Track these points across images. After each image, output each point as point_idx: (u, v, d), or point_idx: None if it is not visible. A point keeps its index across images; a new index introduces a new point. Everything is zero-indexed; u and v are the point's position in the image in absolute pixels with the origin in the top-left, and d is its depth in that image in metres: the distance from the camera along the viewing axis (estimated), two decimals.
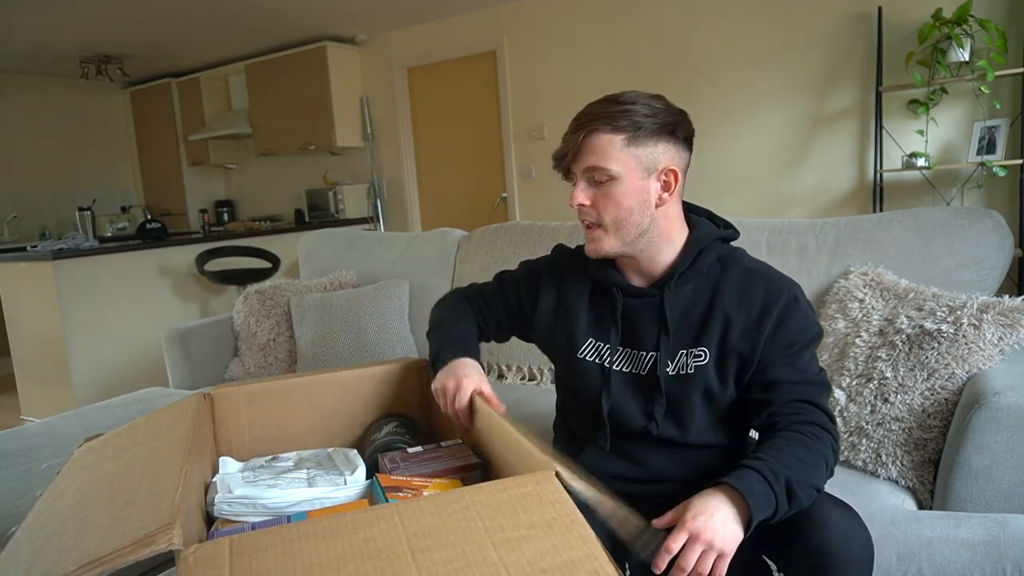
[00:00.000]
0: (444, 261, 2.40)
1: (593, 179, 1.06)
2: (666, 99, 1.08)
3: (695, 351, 1.08)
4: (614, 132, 1.03)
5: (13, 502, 1.42)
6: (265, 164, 5.97)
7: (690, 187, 1.15)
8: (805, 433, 0.99)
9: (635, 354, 1.13)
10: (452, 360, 1.15)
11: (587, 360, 1.16)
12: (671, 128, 1.06)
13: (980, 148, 3.09)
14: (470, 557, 0.62)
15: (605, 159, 1.04)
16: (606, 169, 1.04)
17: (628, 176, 1.05)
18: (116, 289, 3.71)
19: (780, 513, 0.91)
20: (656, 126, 1.04)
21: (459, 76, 4.89)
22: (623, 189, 1.05)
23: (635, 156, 1.04)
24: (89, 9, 4.03)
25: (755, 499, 0.88)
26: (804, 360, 1.06)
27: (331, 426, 1.23)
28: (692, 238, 1.11)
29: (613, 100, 1.05)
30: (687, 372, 1.09)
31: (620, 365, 1.14)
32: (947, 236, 1.60)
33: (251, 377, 2.37)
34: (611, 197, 1.05)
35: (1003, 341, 1.35)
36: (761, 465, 0.92)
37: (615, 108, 1.04)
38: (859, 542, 0.93)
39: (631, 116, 1.03)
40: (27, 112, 5.60)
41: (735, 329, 1.06)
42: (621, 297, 1.13)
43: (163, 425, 1.03)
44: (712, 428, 1.11)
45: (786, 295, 1.06)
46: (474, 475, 1.01)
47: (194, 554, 0.63)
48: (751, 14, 3.72)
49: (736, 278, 1.09)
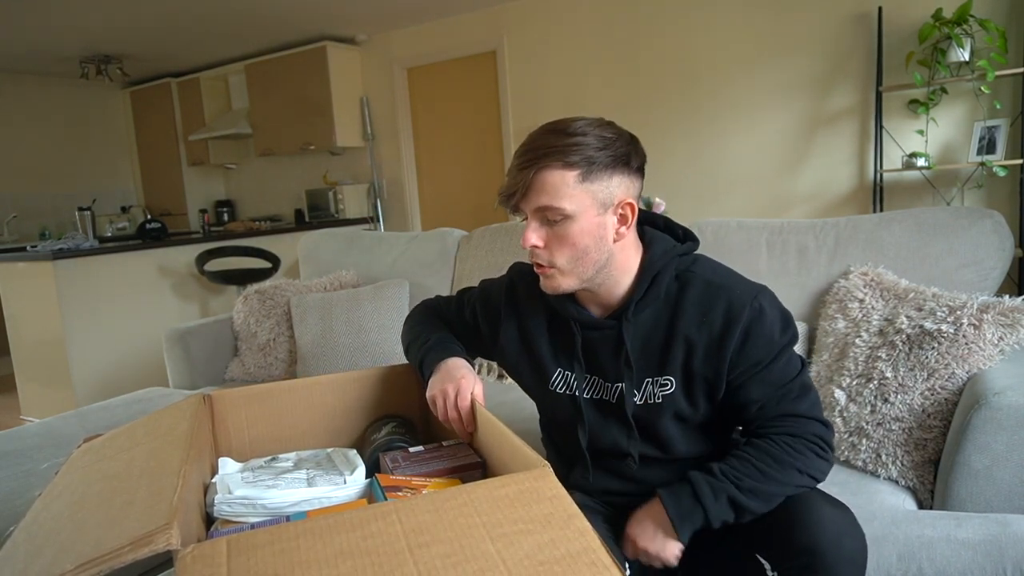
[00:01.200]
0: (444, 261, 2.40)
1: (546, 218, 0.99)
2: (616, 125, 1.01)
3: (661, 380, 1.05)
4: (566, 168, 0.96)
5: (12, 502, 1.42)
6: (265, 164, 5.97)
7: (690, 187, 1.13)
8: (778, 444, 1.00)
9: (602, 383, 1.10)
10: (441, 363, 1.11)
11: (558, 392, 1.12)
12: (625, 159, 0.99)
13: (980, 148, 3.09)
14: (467, 551, 0.62)
15: (558, 198, 0.96)
16: (559, 208, 0.97)
17: (583, 214, 0.98)
18: (116, 289, 3.71)
19: (717, 522, 0.96)
20: (610, 159, 0.97)
21: (459, 76, 4.89)
22: (579, 228, 0.98)
23: (590, 192, 0.97)
24: (89, 9, 4.03)
25: (680, 513, 0.97)
26: (776, 371, 1.02)
27: (330, 426, 1.23)
28: (646, 261, 1.05)
29: (561, 132, 0.97)
30: (655, 402, 1.06)
31: (590, 393, 1.11)
32: (947, 236, 1.59)
33: (251, 377, 2.37)
34: (566, 237, 0.99)
35: (1003, 341, 1.35)
36: (700, 479, 0.99)
37: (565, 141, 0.96)
38: (852, 539, 0.93)
39: (583, 150, 0.95)
40: (27, 112, 5.61)
41: (698, 354, 1.02)
42: (579, 330, 1.08)
43: (162, 426, 1.03)
44: (691, 442, 1.10)
45: (749, 309, 1.00)
46: (474, 475, 1.01)
47: (192, 553, 0.63)
48: (751, 14, 3.72)
49: (695, 297, 1.03)
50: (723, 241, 1.84)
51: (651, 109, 4.08)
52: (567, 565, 0.61)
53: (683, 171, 4.00)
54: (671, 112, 4.04)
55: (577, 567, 0.61)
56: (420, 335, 1.23)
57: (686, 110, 3.98)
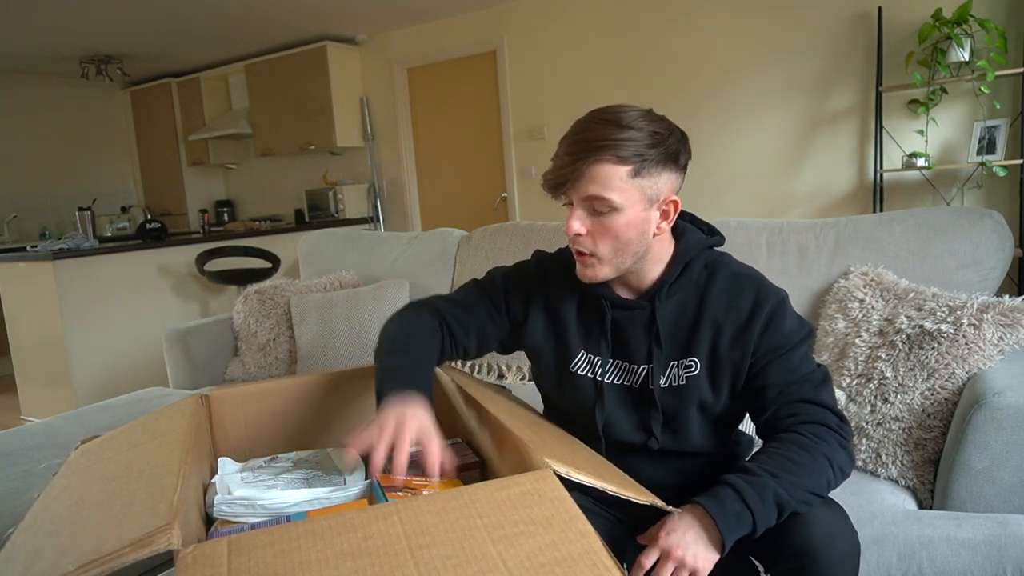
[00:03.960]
0: (444, 261, 2.40)
1: (593, 208, 1.00)
2: (667, 120, 1.03)
3: (686, 362, 1.06)
4: (619, 163, 0.97)
5: (13, 502, 1.42)
6: (265, 164, 5.97)
7: (690, 186, 1.14)
8: (804, 433, 0.98)
9: (627, 367, 1.10)
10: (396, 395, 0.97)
11: (580, 374, 1.12)
12: (675, 157, 1.01)
13: (980, 148, 3.09)
14: (468, 553, 0.62)
15: (608, 190, 0.97)
16: (608, 200, 0.98)
17: (631, 208, 0.99)
18: (116, 289, 3.71)
19: (763, 527, 0.90)
20: (661, 156, 0.99)
21: (459, 76, 4.89)
22: (624, 221, 1.00)
23: (640, 188, 0.99)
24: (89, 9, 4.03)
25: (727, 520, 0.88)
26: (796, 360, 1.03)
27: (330, 426, 1.23)
28: (680, 249, 1.08)
29: (614, 123, 0.97)
30: (679, 384, 1.07)
31: (612, 378, 1.11)
32: (947, 236, 1.59)
33: (251, 377, 2.37)
34: (611, 228, 1.00)
35: (1003, 341, 1.35)
36: (741, 482, 0.91)
37: (619, 135, 0.96)
38: (844, 539, 0.92)
39: (636, 146, 0.97)
40: (27, 112, 5.61)
41: (725, 336, 1.04)
42: (610, 309, 1.09)
43: (161, 426, 1.03)
44: (706, 436, 1.10)
45: (774, 298, 1.04)
46: (473, 474, 1.01)
47: (192, 553, 0.63)
48: (751, 14, 3.72)
49: (724, 284, 1.06)
50: None
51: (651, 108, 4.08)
52: (568, 567, 0.61)
53: None
54: (671, 112, 3.97)
55: (578, 569, 0.61)
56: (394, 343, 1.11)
57: (686, 110, 3.98)
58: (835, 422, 1.00)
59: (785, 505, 0.90)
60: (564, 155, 1.00)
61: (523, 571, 0.60)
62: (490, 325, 1.18)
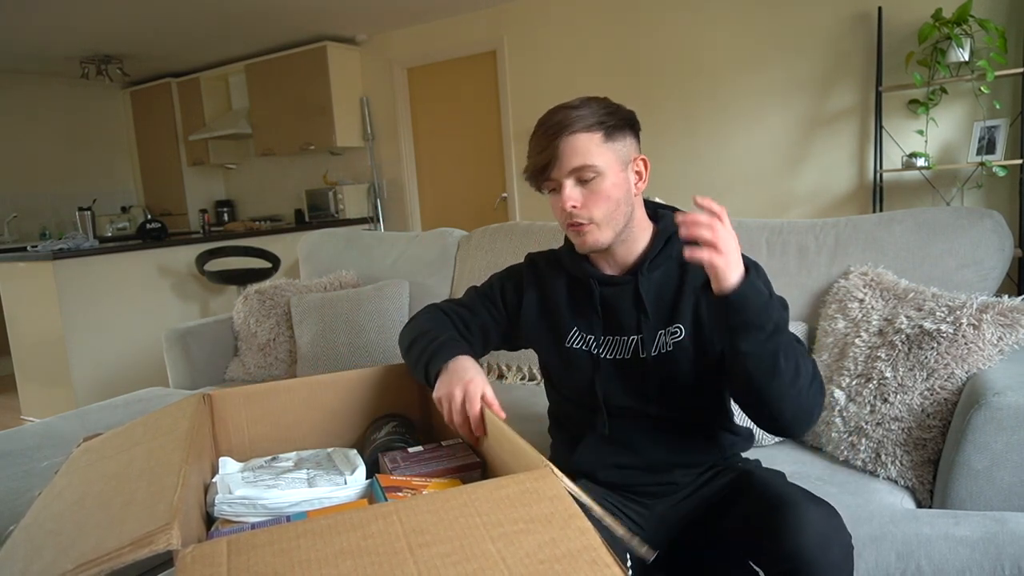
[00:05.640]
0: (444, 261, 2.40)
1: (580, 179, 1.09)
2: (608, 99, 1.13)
3: (671, 329, 1.13)
4: (590, 131, 1.07)
5: (13, 502, 1.42)
6: (265, 164, 5.97)
7: (690, 186, 1.17)
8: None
9: (618, 340, 1.17)
10: (449, 363, 1.11)
11: (575, 348, 1.19)
12: (631, 122, 1.12)
13: (980, 148, 3.09)
14: (468, 551, 0.62)
15: (590, 156, 1.07)
16: (593, 166, 1.07)
17: (611, 170, 1.09)
18: (116, 289, 3.71)
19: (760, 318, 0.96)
20: (621, 121, 1.10)
21: (459, 76, 4.89)
22: (610, 182, 1.08)
23: (613, 150, 1.09)
24: (89, 9, 4.03)
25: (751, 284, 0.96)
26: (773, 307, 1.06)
27: (330, 426, 1.23)
28: (660, 227, 1.17)
29: (570, 107, 1.09)
30: (667, 350, 1.13)
31: (606, 352, 1.17)
32: (947, 236, 1.59)
33: (251, 377, 2.37)
34: (600, 192, 1.08)
35: (1003, 341, 1.35)
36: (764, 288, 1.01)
37: (580, 112, 1.08)
38: (838, 545, 0.92)
39: (597, 115, 1.08)
40: (27, 112, 5.61)
41: (705, 301, 1.11)
42: (598, 286, 1.17)
43: (162, 425, 1.03)
44: (700, 400, 1.16)
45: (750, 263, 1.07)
46: (474, 475, 1.01)
47: (192, 553, 0.63)
48: (751, 14, 3.72)
49: None
50: None
51: (651, 109, 4.08)
52: (568, 563, 0.61)
53: (683, 171, 4.00)
54: (671, 112, 4.04)
55: (578, 565, 0.61)
56: (426, 333, 1.20)
57: (686, 110, 3.99)
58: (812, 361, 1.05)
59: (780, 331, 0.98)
60: (540, 142, 1.10)
61: (523, 568, 0.61)
62: (491, 321, 1.27)
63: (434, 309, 1.30)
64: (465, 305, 1.29)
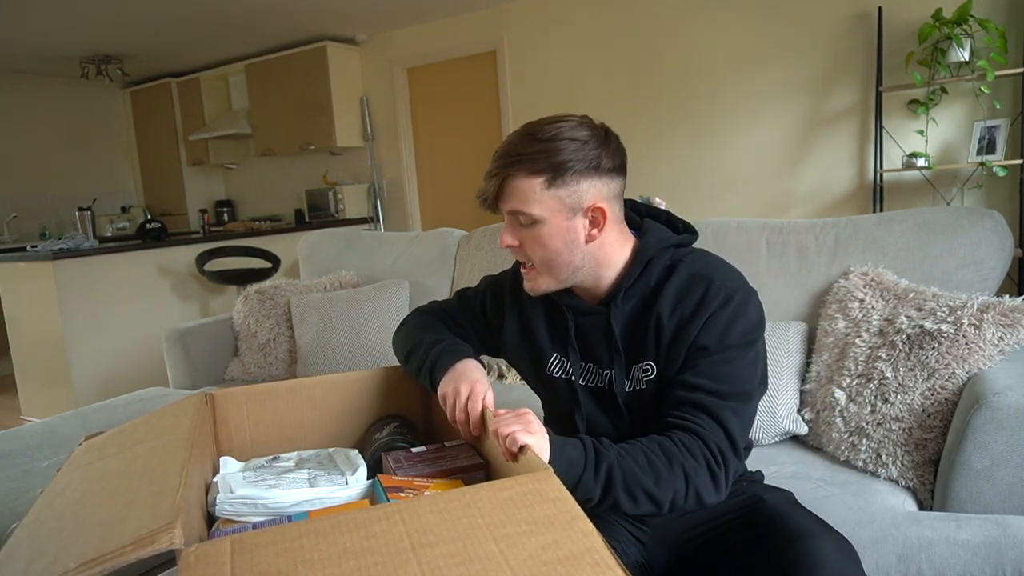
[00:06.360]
0: (444, 261, 2.40)
1: (518, 221, 1.02)
2: (592, 125, 1.01)
3: (643, 365, 1.06)
4: (532, 175, 0.98)
5: (13, 501, 1.42)
6: (265, 164, 5.97)
7: (690, 186, 1.14)
8: (675, 441, 0.95)
9: (596, 370, 1.11)
10: (456, 364, 1.10)
11: (554, 376, 1.14)
12: (595, 163, 0.99)
13: (980, 148, 3.10)
14: (471, 551, 0.63)
15: (526, 203, 0.99)
16: (528, 213, 1.00)
17: (552, 218, 1.00)
18: (116, 289, 3.71)
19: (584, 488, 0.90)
20: (579, 164, 0.98)
21: (459, 76, 4.89)
22: (548, 231, 1.01)
23: (557, 197, 0.99)
24: (89, 9, 4.03)
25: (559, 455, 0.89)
26: (722, 367, 0.99)
27: (332, 427, 1.23)
28: (638, 248, 1.07)
29: (532, 136, 0.99)
30: (641, 388, 1.06)
31: (585, 380, 1.12)
32: (947, 236, 1.60)
33: (251, 377, 2.37)
34: (537, 239, 1.02)
35: (1003, 341, 1.35)
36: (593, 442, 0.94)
37: (534, 148, 0.98)
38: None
39: (550, 157, 0.97)
40: (27, 112, 5.61)
41: (665, 338, 1.03)
42: (572, 316, 1.10)
43: (164, 424, 1.03)
44: None
45: (720, 299, 1.00)
46: (476, 476, 1.01)
47: (195, 552, 0.63)
48: (751, 14, 3.72)
49: (677, 284, 1.04)
50: (723, 241, 1.84)
51: (651, 108, 4.09)
52: (570, 565, 0.61)
53: (683, 170, 4.00)
54: (671, 111, 4.04)
55: (580, 567, 0.61)
56: (424, 336, 1.19)
57: (686, 109, 3.99)
58: (719, 445, 0.97)
59: (613, 484, 0.91)
60: (491, 167, 1.02)
61: (526, 570, 0.61)
62: (473, 332, 1.25)
63: (425, 314, 1.28)
64: (450, 313, 1.27)
